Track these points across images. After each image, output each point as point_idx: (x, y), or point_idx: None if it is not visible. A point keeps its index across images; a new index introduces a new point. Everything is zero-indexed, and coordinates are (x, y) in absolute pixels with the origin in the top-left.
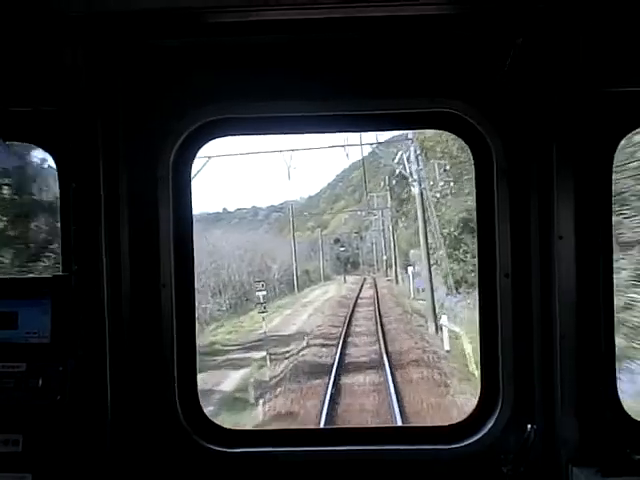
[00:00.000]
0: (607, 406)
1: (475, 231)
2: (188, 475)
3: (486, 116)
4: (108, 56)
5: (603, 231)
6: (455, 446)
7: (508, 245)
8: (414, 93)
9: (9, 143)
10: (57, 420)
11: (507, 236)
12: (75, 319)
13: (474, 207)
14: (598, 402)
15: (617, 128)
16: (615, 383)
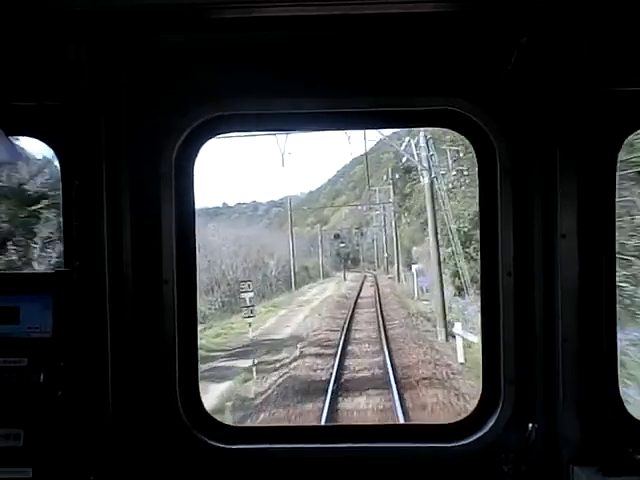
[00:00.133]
0: (609, 405)
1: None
2: (188, 471)
3: (490, 115)
4: (111, 52)
5: (606, 230)
6: (456, 444)
7: (511, 244)
8: (419, 91)
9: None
10: (58, 415)
11: (510, 235)
12: (77, 314)
13: None
14: (600, 401)
15: (621, 127)
16: (617, 382)
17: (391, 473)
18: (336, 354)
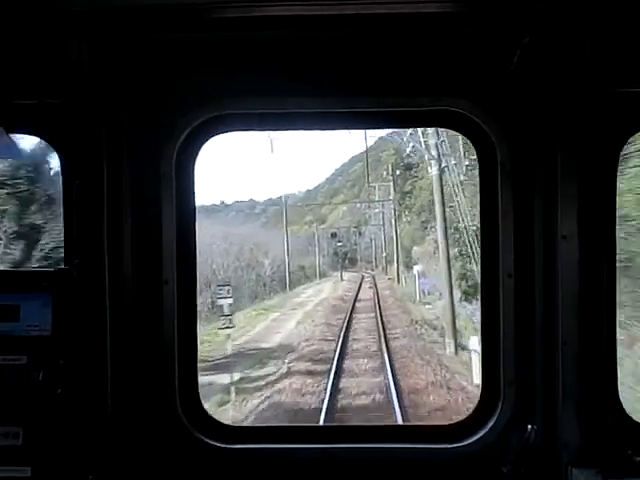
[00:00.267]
0: (608, 407)
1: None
2: (187, 470)
3: (491, 115)
4: (112, 51)
5: (606, 232)
6: (455, 445)
7: (511, 245)
8: (420, 91)
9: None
10: (57, 414)
11: (510, 236)
12: (76, 313)
13: None
14: (599, 403)
15: (622, 129)
16: (616, 384)
17: (391, 474)
18: (330, 371)
